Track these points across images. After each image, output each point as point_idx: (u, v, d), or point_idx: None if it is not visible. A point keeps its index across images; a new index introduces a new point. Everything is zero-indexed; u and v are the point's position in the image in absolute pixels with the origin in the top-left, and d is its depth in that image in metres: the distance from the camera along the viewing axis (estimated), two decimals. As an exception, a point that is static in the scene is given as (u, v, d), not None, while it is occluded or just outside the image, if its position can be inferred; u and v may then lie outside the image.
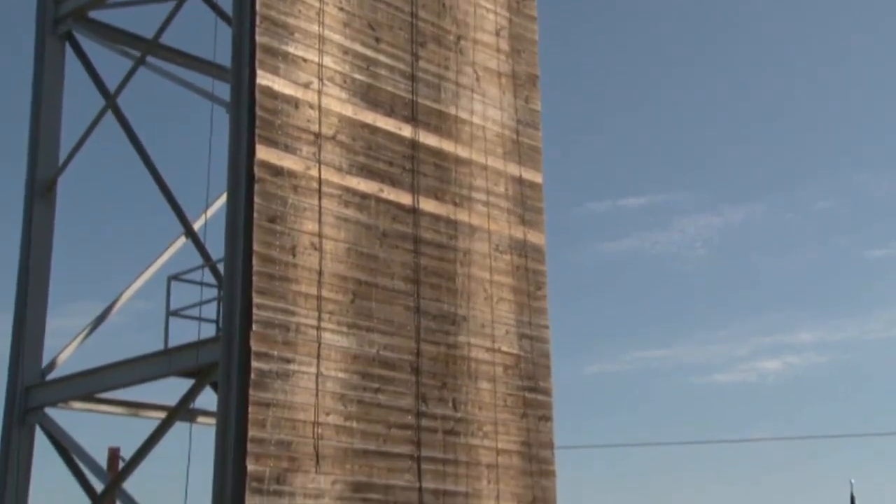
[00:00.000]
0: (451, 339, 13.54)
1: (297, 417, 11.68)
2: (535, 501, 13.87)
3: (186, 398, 12.91)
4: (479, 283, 14.10)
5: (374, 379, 12.55)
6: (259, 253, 11.83)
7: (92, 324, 15.04)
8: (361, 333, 12.57)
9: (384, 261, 13.08)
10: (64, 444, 14.02)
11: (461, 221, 14.12)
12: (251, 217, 11.89)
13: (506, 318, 14.28)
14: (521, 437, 14.00)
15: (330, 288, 12.39)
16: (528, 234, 14.90)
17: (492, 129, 14.85)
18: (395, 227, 13.34)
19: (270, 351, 11.65)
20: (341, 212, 12.79)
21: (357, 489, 12.01)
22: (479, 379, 13.71)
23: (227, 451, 11.30)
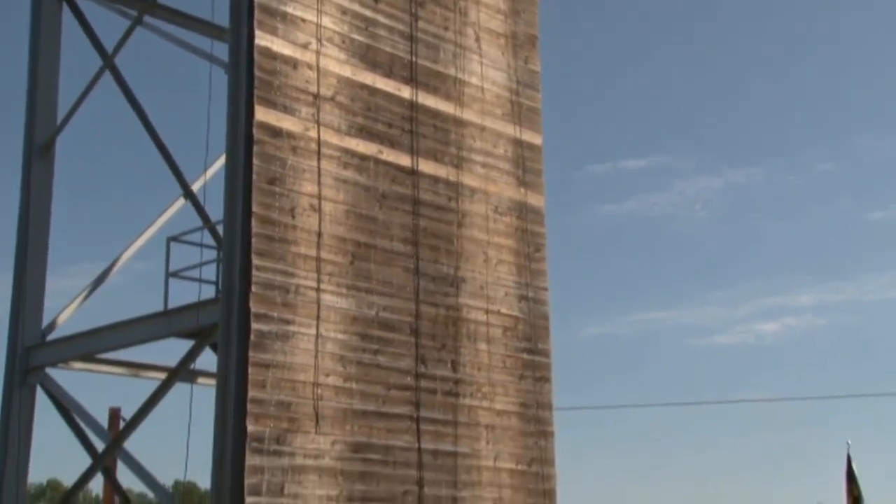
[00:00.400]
0: (450, 300, 13.55)
1: (296, 378, 11.73)
2: (534, 462, 13.97)
3: (186, 359, 12.95)
4: (478, 244, 14.10)
5: (374, 340, 12.59)
6: (258, 214, 11.82)
7: (92, 285, 15.07)
8: (361, 295, 12.59)
9: (383, 222, 13.06)
10: (65, 403, 14.10)
11: (460, 183, 14.09)
12: (250, 178, 11.87)
13: (505, 279, 14.30)
14: (519, 398, 14.06)
15: (329, 249, 12.39)
16: (528, 195, 14.87)
17: (491, 91, 14.77)
18: (395, 189, 13.31)
19: (270, 312, 11.67)
20: (340, 173, 12.76)
21: (356, 449, 12.09)
22: (477, 340, 13.76)
23: (227, 412, 11.36)
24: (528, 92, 15.20)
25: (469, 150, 14.31)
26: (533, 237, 14.80)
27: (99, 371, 14.95)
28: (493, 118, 14.72)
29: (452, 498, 12.88)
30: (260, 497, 11.11)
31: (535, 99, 15.32)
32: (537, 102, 15.37)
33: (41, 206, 14.96)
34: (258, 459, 11.20)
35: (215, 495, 11.25)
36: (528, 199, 14.86)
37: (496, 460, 13.56)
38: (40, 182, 14.97)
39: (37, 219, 14.88)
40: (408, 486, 12.46)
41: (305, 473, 11.54)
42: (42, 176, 14.99)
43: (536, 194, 15.00)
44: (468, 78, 14.48)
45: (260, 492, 11.13)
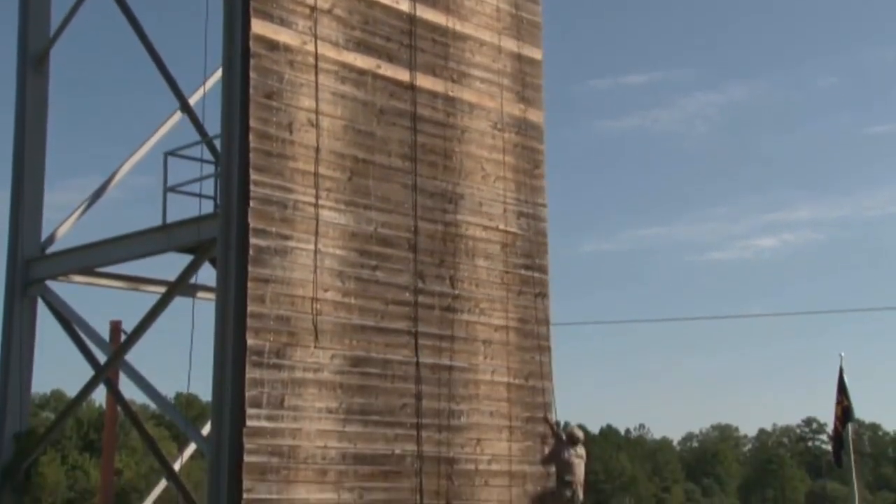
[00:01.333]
0: (448, 217, 13.56)
1: (295, 293, 11.81)
2: (531, 376, 14.14)
3: (186, 273, 13.01)
4: (477, 161, 14.05)
5: (372, 256, 12.63)
6: (255, 129, 11.76)
7: (90, 198, 15.06)
8: (359, 211, 12.59)
9: (381, 138, 12.99)
10: (66, 316, 14.22)
11: (459, 98, 13.99)
12: (247, 93, 11.78)
13: (503, 196, 14.28)
14: (517, 313, 14.17)
15: (327, 165, 12.36)
16: (527, 111, 14.77)
17: (490, 4, 14.57)
18: (393, 104, 13.21)
19: (268, 228, 11.69)
20: (338, 88, 12.65)
21: (355, 363, 12.24)
22: (476, 257, 13.81)
23: (226, 326, 11.46)
24: (528, 5, 15.00)
25: (468, 65, 14.17)
26: (532, 153, 14.73)
27: (99, 285, 15.00)
28: (493, 32, 14.54)
29: (450, 411, 13.06)
30: (260, 409, 11.28)
31: (535, 12, 15.13)
32: (538, 16, 15.18)
33: (37, 119, 14.86)
34: (258, 373, 11.34)
35: (216, 407, 11.40)
36: (528, 114, 14.77)
37: (493, 374, 13.73)
38: (35, 95, 14.84)
39: (33, 132, 14.79)
40: (406, 399, 12.63)
41: (305, 386, 11.70)
42: (37, 89, 14.86)
43: (536, 110, 14.90)
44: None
45: (260, 404, 11.30)
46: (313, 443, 11.65)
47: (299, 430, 11.56)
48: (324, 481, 11.67)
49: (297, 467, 11.47)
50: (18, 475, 14.05)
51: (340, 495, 11.76)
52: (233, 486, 11.05)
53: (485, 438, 13.38)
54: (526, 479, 13.73)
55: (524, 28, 14.93)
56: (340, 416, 11.95)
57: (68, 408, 17.38)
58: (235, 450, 11.11)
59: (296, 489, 11.41)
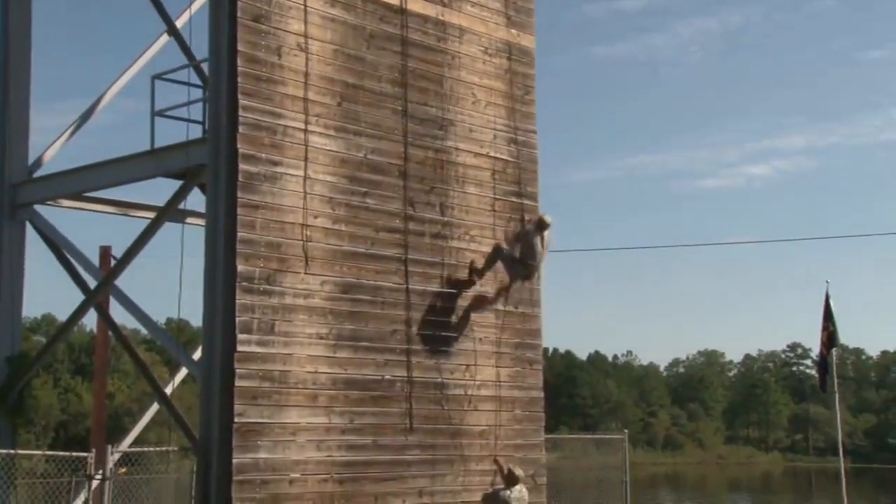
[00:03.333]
0: (438, 143, 13.51)
1: (285, 219, 11.81)
2: (520, 303, 14.22)
3: (175, 199, 12.98)
4: (467, 86, 13.95)
5: (362, 183, 12.62)
6: (244, 53, 11.64)
7: (77, 121, 14.94)
8: (349, 137, 12.54)
9: (371, 63, 12.88)
10: (55, 240, 14.21)
11: (450, 23, 13.84)
12: (235, 16, 11.63)
13: (493, 122, 14.21)
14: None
15: (317, 90, 12.27)
16: (518, 36, 14.64)
17: None
18: (383, 28, 13.08)
19: (258, 153, 11.65)
20: (327, 11, 12.50)
21: (346, 290, 12.30)
22: (466, 183, 13.79)
23: (216, 252, 11.48)
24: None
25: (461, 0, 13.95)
26: (522, 79, 14.63)
27: (88, 209, 15.01)
28: (485, -45, 14.27)
29: (440, 338, 13.16)
30: (251, 335, 11.36)
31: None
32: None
33: (21, 40, 14.66)
34: (248, 298, 11.39)
35: (207, 333, 11.48)
36: (519, 39, 14.64)
37: (482, 301, 13.78)
38: (19, 14, 14.61)
39: (18, 53, 14.60)
40: (396, 325, 12.73)
41: (295, 312, 11.77)
42: (20, 7, 14.63)
43: (527, 35, 14.75)
44: (460, -89, 13.95)
45: (251, 329, 11.37)
46: (304, 368, 11.76)
47: (290, 355, 11.66)
48: (314, 405, 11.81)
49: (288, 392, 11.60)
50: (12, 397, 14.19)
51: (331, 419, 11.92)
52: (224, 409, 11.18)
53: (474, 364, 13.51)
54: (514, 404, 13.92)
55: (517, -49, 14.66)
56: (331, 341, 12.04)
57: (59, 332, 17.48)
58: (226, 374, 11.21)
59: (287, 413, 11.55)
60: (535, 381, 14.30)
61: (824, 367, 16.80)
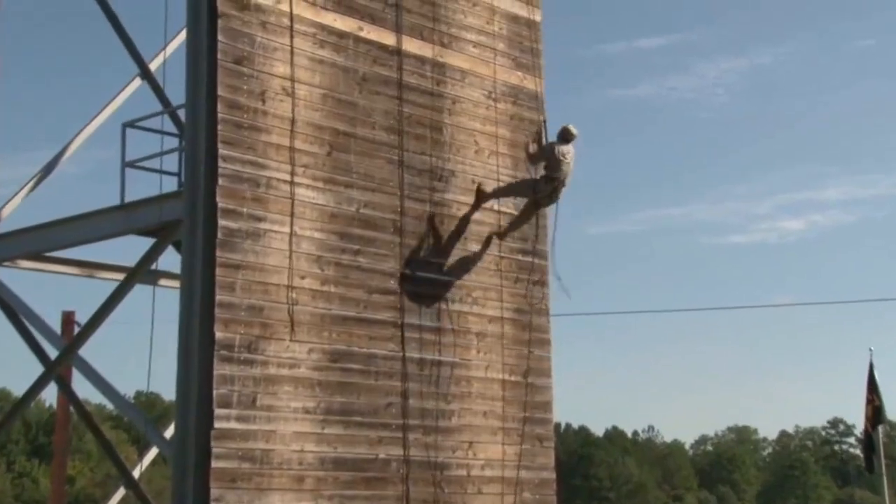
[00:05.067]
0: (437, 196, 13.61)
1: (269, 281, 11.85)
2: (529, 372, 14.21)
3: (147, 258, 13.02)
4: (469, 134, 14.09)
5: (354, 239, 12.67)
6: (224, 98, 11.77)
7: (39, 174, 15.05)
8: (339, 189, 12.62)
9: (364, 108, 13.02)
10: (13, 306, 14.22)
11: (450, 65, 14.02)
12: (214, 58, 11.78)
13: (498, 173, 14.29)
14: (513, 303, 14.24)
15: (304, 138, 12.38)
16: (525, 79, 14.81)
17: None
18: (377, 71, 13.24)
19: (239, 207, 11.72)
20: (316, 53, 12.66)
21: (335, 358, 12.29)
22: (468, 240, 13.85)
23: (192, 317, 11.49)
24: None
25: (459, 28, 14.20)
26: (530, 125, 14.76)
27: (50, 271, 15.05)
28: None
29: (439, 411, 13.14)
30: (230, 409, 11.32)
31: (534, -30, 15.09)
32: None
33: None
34: (228, 368, 11.37)
35: (180, 407, 11.44)
36: (526, 82, 14.81)
37: (487, 370, 13.81)
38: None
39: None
40: (391, 397, 12.70)
41: (279, 384, 11.75)
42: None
43: (535, 77, 14.93)
44: (460, -56, 14.23)
45: (230, 403, 11.33)
46: (288, 446, 11.70)
47: (273, 432, 11.60)
48: (300, 489, 11.72)
49: (271, 473, 11.52)
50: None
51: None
52: (199, 494, 11.09)
53: (477, 441, 13.46)
54: (523, 486, 13.83)
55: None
56: (318, 416, 12.00)
57: (15, 408, 17.39)
58: (202, 454, 11.14)
59: (269, 497, 11.46)
60: (546, 461, 14.22)
61: (870, 445, 16.73)
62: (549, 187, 13.56)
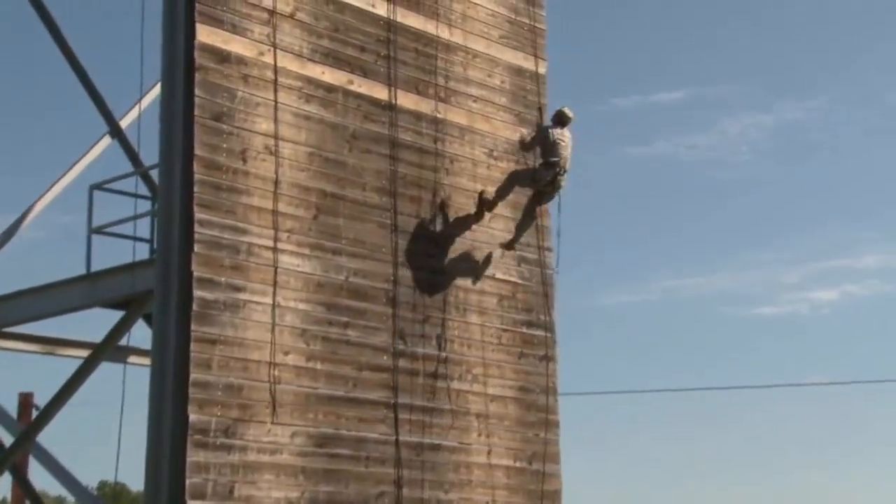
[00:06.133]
0: (434, 262, 13.53)
1: (249, 357, 11.73)
2: (535, 457, 14.08)
3: (115, 333, 12.95)
4: (469, 196, 14.06)
5: (342, 311, 12.59)
6: (201, 157, 11.74)
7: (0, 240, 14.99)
8: (326, 256, 12.56)
9: (354, 168, 13.01)
10: (-34, 387, 14.01)
11: (447, 121, 14.05)
12: (191, 114, 11.79)
13: (501, 237, 14.27)
14: (517, 381, 14.14)
15: (288, 201, 12.34)
16: (528, 139, 14.84)
17: (485, 8, 14.73)
18: (368, 128, 13.25)
19: (216, 277, 11.64)
20: (302, 108, 12.69)
21: (321, 443, 12.14)
22: (468, 312, 13.79)
23: (163, 398, 11.34)
24: (530, 10, 15.18)
25: (458, 81, 14.27)
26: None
27: (7, 348, 14.96)
28: (488, 41, 14.67)
29: (437, 501, 12.97)
30: (204, 501, 11.13)
31: (538, 18, 15.28)
32: (542, 22, 15.34)
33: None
34: (202, 455, 11.21)
35: (150, 499, 11.24)
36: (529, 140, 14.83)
37: (490, 456, 13.67)
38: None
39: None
40: (383, 486, 12.54)
41: (260, 472, 11.58)
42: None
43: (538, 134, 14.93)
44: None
45: (204, 494, 11.15)
46: (270, 542, 11.48)
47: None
48: (283, 590, 11.47)
49: (250, 572, 11.28)
50: None
51: None
52: None
53: (480, 535, 13.21)
54: (530, 584, 13.55)
55: (526, 35, 15.11)
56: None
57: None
58: (174, 551, 10.90)
59: None
60: (556, 556, 14.02)
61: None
62: (550, 173, 13.76)
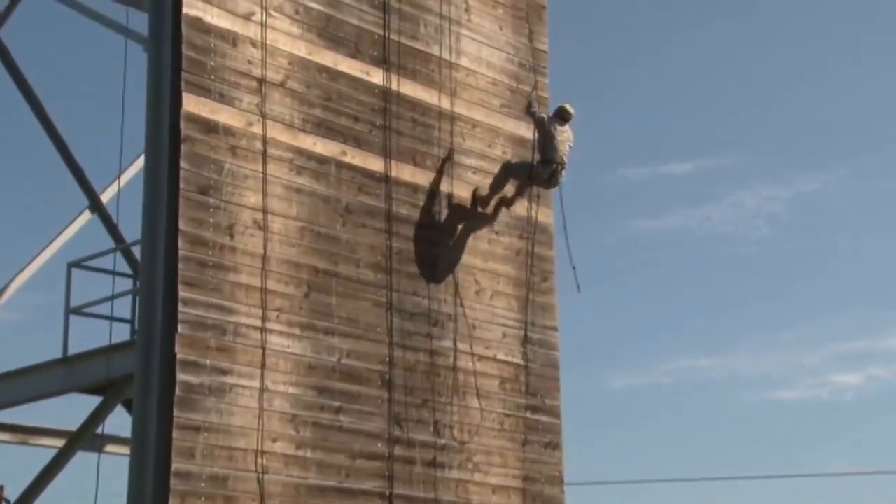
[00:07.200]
0: (433, 343, 13.56)
1: (234, 445, 11.66)
2: (540, 551, 13.92)
3: (92, 420, 12.91)
4: (469, 272, 14.11)
5: (335, 395, 12.56)
6: (186, 233, 11.77)
7: (-30, 323, 14.96)
8: (318, 337, 12.56)
9: (347, 243, 13.05)
10: (-67, 478, 13.90)
11: (446, 193, 14.09)
12: (176, 187, 11.83)
13: (503, 317, 14.32)
14: (521, 470, 14.07)
15: (278, 278, 12.35)
16: (532, 209, 14.91)
17: (485, 75, 14.86)
18: (362, 200, 13.31)
19: (201, 359, 11.61)
20: (293, 180, 12.74)
21: (312, 537, 12.02)
22: (468, 395, 13.75)
23: (143, 489, 11.25)
24: (532, 77, 15.29)
25: (457, 152, 14.35)
26: (539, 262, 14.83)
27: (-23, 437, 14.87)
28: (489, 110, 14.79)
29: None
30: None
31: (541, 86, 15.40)
32: (544, 90, 15.46)
33: None
34: (185, 551, 11.09)
35: None
36: (533, 213, 14.89)
37: (492, 550, 13.53)
38: None
39: None
40: (378, 584, 12.42)
41: (246, 569, 11.46)
42: None
43: (544, 208, 15.07)
44: (456, 59, 14.53)
45: None
46: None
47: None
48: None
49: None
50: None
51: None
52: None
53: None
54: None
55: (528, 105, 15.21)
56: None
57: None
58: None
59: None
60: None
61: None
62: (547, 171, 14.05)
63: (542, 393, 14.48)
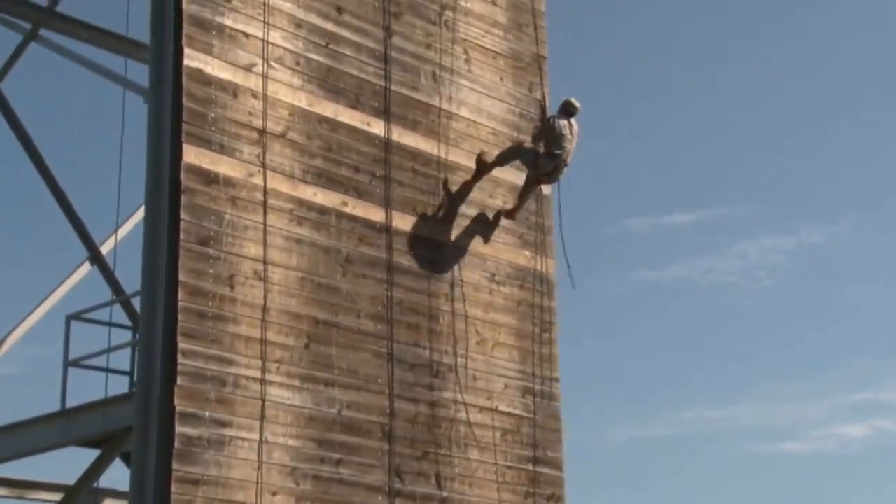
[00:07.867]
0: (433, 395, 13.60)
1: (234, 498, 11.67)
2: None
3: (89, 474, 12.90)
4: (470, 323, 14.19)
5: (335, 447, 12.59)
6: (186, 284, 11.86)
7: (-34, 376, 15.04)
8: (318, 388, 12.61)
9: (348, 294, 13.13)
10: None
11: (447, 244, 14.23)
12: (176, 238, 11.91)
13: (504, 368, 14.37)
14: None
15: (278, 329, 12.44)
16: (534, 260, 14.99)
17: (486, 126, 14.96)
18: (363, 251, 13.41)
19: (200, 411, 11.66)
20: (293, 231, 12.85)
21: (312, 591, 12.01)
22: (468, 447, 13.77)
23: (143, 543, 11.24)
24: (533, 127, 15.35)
25: (458, 202, 14.45)
26: (541, 313, 14.89)
27: (-27, 491, 14.80)
28: (489, 161, 14.82)
29: None
30: None
31: (542, 134, 15.43)
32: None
33: None
34: None
35: None
36: (535, 264, 14.99)
37: None
38: None
39: None
40: None
41: None
42: None
43: (545, 258, 15.12)
44: (456, 109, 14.68)
45: None
46: None
47: None
48: None
49: None
50: None
51: None
52: None
53: None
54: None
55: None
56: None
57: None
58: None
59: None
60: None
61: None
62: (551, 164, 14.32)
63: (544, 445, 14.46)
